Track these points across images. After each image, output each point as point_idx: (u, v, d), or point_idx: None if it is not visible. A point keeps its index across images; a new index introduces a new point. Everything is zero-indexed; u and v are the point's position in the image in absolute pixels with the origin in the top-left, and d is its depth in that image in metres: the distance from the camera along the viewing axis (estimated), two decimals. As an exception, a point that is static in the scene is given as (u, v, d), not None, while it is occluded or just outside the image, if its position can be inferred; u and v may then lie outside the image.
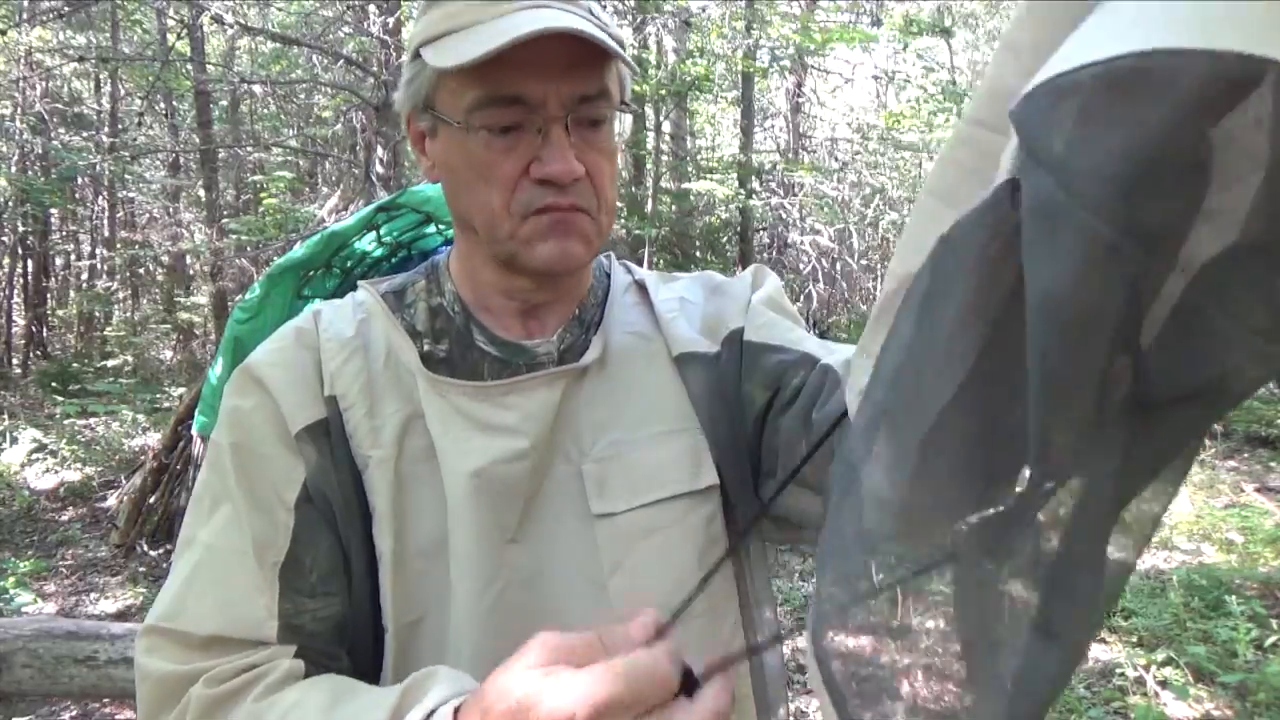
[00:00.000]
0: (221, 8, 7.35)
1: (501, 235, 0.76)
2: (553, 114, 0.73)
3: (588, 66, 0.73)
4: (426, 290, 0.85)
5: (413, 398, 0.78)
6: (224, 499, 0.75)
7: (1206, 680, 3.71)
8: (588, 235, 0.77)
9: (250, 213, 10.71)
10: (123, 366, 10.88)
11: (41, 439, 7.32)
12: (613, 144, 0.79)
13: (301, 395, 0.77)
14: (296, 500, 0.75)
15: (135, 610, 4.65)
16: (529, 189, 0.74)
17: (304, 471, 0.75)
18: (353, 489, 0.76)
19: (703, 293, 0.92)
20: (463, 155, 0.76)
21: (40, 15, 8.74)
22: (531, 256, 0.76)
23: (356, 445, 0.76)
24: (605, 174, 0.77)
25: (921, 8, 11.36)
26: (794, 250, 12.20)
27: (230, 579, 0.72)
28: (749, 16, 9.77)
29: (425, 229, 1.36)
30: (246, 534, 0.73)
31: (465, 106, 0.74)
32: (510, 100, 0.72)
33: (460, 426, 0.77)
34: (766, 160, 12.65)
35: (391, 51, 7.19)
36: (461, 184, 0.78)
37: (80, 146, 11.33)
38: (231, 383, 0.79)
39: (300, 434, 0.76)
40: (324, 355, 0.79)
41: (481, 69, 0.70)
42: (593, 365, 0.83)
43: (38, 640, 1.83)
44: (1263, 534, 5.42)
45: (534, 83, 0.72)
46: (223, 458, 0.76)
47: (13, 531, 5.84)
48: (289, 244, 7.09)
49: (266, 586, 0.72)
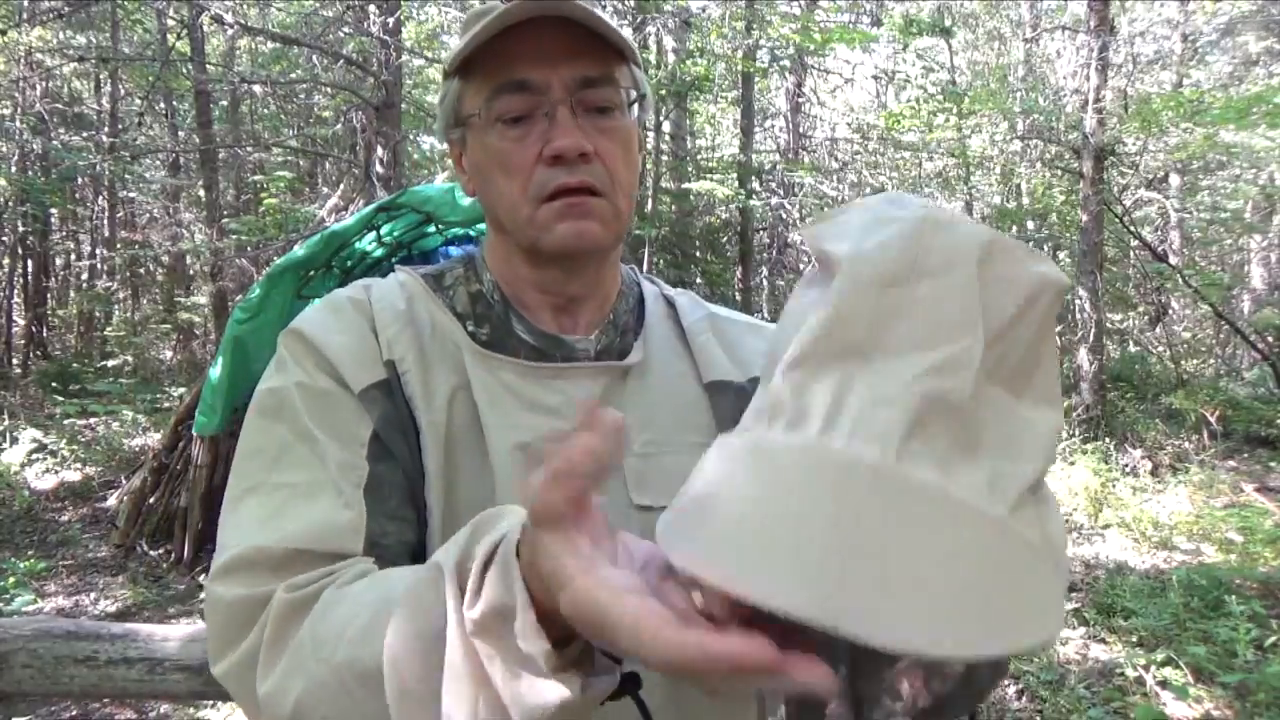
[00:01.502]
0: (221, 8, 7.35)
1: (521, 221, 0.79)
2: (557, 97, 0.76)
3: (589, 53, 0.77)
4: (465, 278, 0.87)
5: (460, 370, 0.80)
6: (296, 441, 0.73)
7: (1206, 680, 3.71)
8: (604, 216, 0.79)
9: (250, 213, 10.71)
10: (123, 366, 10.88)
11: (41, 439, 7.32)
12: (626, 132, 0.81)
13: (361, 357, 0.78)
14: (369, 437, 0.75)
15: (135, 610, 4.65)
16: (543, 172, 0.77)
17: (370, 423, 0.75)
18: (415, 446, 0.77)
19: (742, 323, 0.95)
20: (484, 151, 0.80)
21: (40, 15, 8.74)
22: (550, 239, 0.78)
23: (414, 409, 0.77)
24: (617, 158, 0.79)
25: (921, 8, 11.36)
26: (794, 250, 12.20)
27: (313, 503, 0.70)
28: (749, 16, 9.77)
29: (425, 229, 1.36)
30: (330, 463, 0.72)
31: (481, 103, 0.78)
32: (517, 86, 0.76)
33: (507, 401, 0.79)
34: (766, 160, 12.65)
35: (391, 51, 7.20)
36: (487, 180, 0.81)
37: (80, 146, 11.34)
38: (283, 342, 0.80)
39: (363, 393, 0.76)
40: (379, 323, 0.80)
41: (488, 65, 0.77)
42: (635, 368, 0.85)
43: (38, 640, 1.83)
44: (1263, 534, 5.42)
45: (536, 67, 0.76)
46: (290, 399, 0.75)
47: (13, 531, 5.84)
48: (289, 244, 7.09)
49: (355, 503, 0.71)
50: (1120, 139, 9.35)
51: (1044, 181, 12.53)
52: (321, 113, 10.89)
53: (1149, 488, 7.20)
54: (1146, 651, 4.02)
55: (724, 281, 11.40)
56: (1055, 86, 13.38)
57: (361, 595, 0.63)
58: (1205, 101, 8.81)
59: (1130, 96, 9.90)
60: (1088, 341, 8.70)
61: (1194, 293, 9.48)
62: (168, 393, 8.99)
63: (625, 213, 0.81)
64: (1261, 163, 12.44)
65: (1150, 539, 5.88)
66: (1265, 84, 11.04)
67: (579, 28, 0.74)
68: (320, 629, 0.62)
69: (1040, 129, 10.90)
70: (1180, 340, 12.15)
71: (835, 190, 13.04)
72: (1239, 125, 8.19)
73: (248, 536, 0.69)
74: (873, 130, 13.53)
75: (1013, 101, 11.95)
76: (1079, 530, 6.27)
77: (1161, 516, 6.21)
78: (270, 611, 0.64)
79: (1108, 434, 8.31)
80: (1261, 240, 13.99)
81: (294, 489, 0.71)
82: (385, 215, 1.36)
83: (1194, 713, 3.53)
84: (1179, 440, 8.51)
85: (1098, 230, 8.79)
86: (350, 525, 0.69)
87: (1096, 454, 7.69)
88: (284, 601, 0.64)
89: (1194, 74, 13.29)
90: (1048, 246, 13.38)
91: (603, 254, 0.83)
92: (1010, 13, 15.42)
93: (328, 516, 0.69)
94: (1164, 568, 5.33)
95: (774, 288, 11.97)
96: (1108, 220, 9.24)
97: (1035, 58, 15.00)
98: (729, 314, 0.96)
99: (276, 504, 0.70)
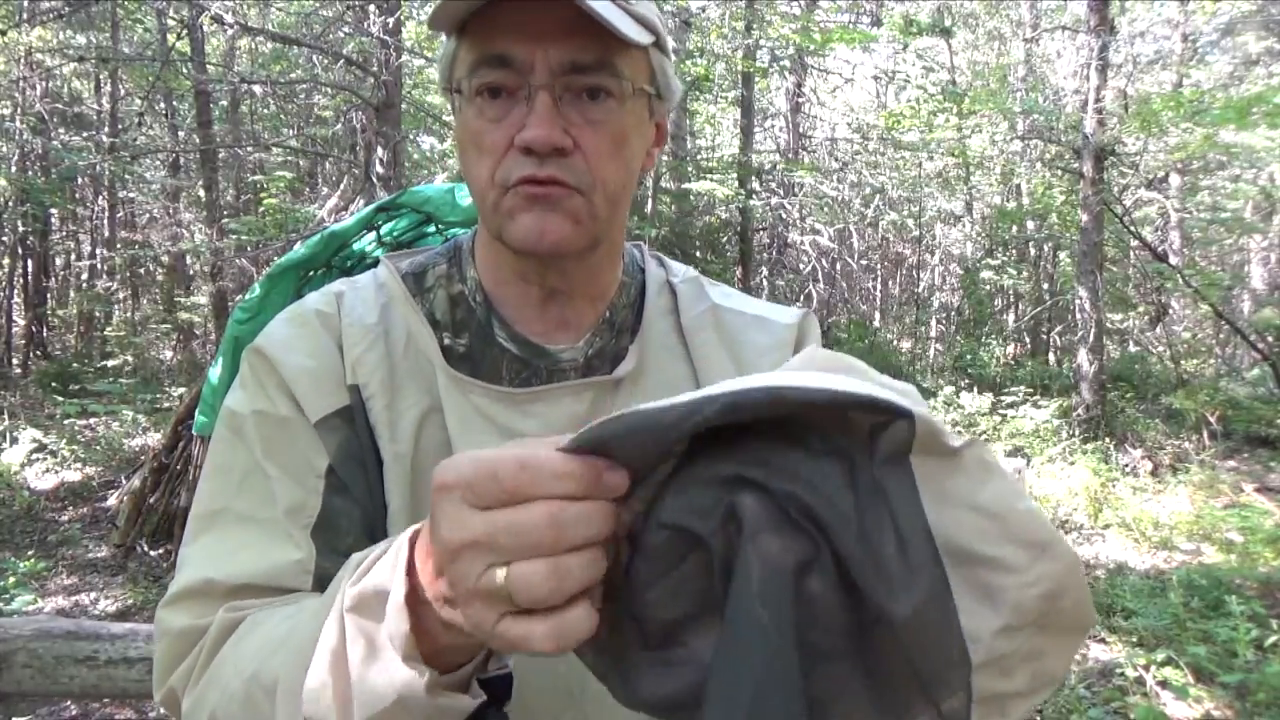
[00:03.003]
0: (221, 8, 7.35)
1: (488, 207, 0.73)
2: (539, 80, 0.69)
3: (585, 34, 0.68)
4: (447, 276, 0.82)
5: (432, 390, 0.76)
6: (253, 471, 0.72)
7: (1206, 680, 3.71)
8: (575, 214, 0.72)
9: (250, 213, 10.71)
10: (123, 366, 10.88)
11: (41, 439, 7.32)
12: (618, 125, 0.72)
13: (321, 382, 0.74)
14: (325, 470, 0.72)
15: (135, 610, 4.65)
16: (513, 159, 0.70)
17: (327, 457, 0.73)
18: (378, 478, 0.73)
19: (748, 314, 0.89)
20: (463, 125, 0.74)
21: (40, 15, 8.74)
22: (513, 232, 0.72)
23: (377, 437, 0.74)
24: (601, 151, 0.71)
25: (921, 7, 11.36)
26: (794, 250, 12.20)
27: (266, 541, 0.70)
28: (749, 16, 9.77)
29: (425, 229, 1.36)
30: (280, 503, 0.71)
31: (464, 72, 0.72)
32: (498, 61, 0.69)
33: (480, 428, 0.75)
34: (766, 160, 12.65)
35: (391, 52, 7.20)
36: (464, 155, 0.75)
37: (80, 146, 11.34)
38: (246, 360, 0.77)
39: (321, 422, 0.73)
40: (346, 342, 0.76)
41: (476, 32, 0.70)
42: (626, 378, 0.79)
43: (38, 640, 1.83)
44: (1263, 534, 5.42)
45: (521, 44, 0.68)
46: (246, 427, 0.73)
47: (13, 531, 5.84)
48: (289, 244, 7.09)
49: (304, 545, 0.70)
50: (1120, 139, 9.35)
51: (1044, 181, 12.53)
52: (321, 113, 10.89)
53: (1149, 488, 7.20)
54: (1146, 651, 4.02)
55: (723, 281, 11.38)
56: (1055, 87, 13.39)
57: (283, 610, 0.64)
58: (1205, 101, 8.81)
59: (1130, 97, 9.90)
60: (1088, 341, 8.70)
61: (1194, 293, 9.48)
62: (168, 393, 8.99)
63: (604, 212, 0.74)
64: (1261, 163, 12.44)
65: (1150, 539, 5.88)
66: (1265, 84, 11.05)
67: (578, 6, 0.65)
68: (241, 644, 0.63)
69: (1040, 129, 10.90)
70: (1180, 340, 12.14)
71: (835, 190, 13.04)
72: (1239, 125, 8.19)
73: (201, 568, 0.69)
74: (873, 130, 13.53)
75: (1013, 101, 11.95)
76: (1079, 530, 6.27)
77: (1161, 516, 6.21)
78: (210, 631, 0.65)
79: (1108, 434, 8.31)
80: (1261, 240, 14.00)
81: (249, 523, 0.71)
82: (385, 215, 1.36)
83: (1194, 713, 3.53)
84: (1179, 440, 8.52)
85: (1098, 230, 8.79)
86: (300, 566, 0.69)
87: (1096, 454, 7.70)
88: (221, 621, 0.65)
89: (1194, 74, 13.28)
90: (1048, 246, 13.40)
91: (577, 255, 0.76)
92: (1010, 13, 15.42)
93: (278, 557, 0.69)
94: (1164, 568, 5.33)
95: (774, 288, 11.97)
96: (1108, 220, 9.24)
97: (1035, 58, 15.00)
98: (736, 303, 0.90)
99: (234, 537, 0.70)
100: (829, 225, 12.94)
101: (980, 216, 14.39)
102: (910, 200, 14.62)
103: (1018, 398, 9.30)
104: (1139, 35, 14.02)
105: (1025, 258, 13.70)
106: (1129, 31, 12.88)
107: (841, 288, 13.89)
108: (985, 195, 14.52)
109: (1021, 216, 13.03)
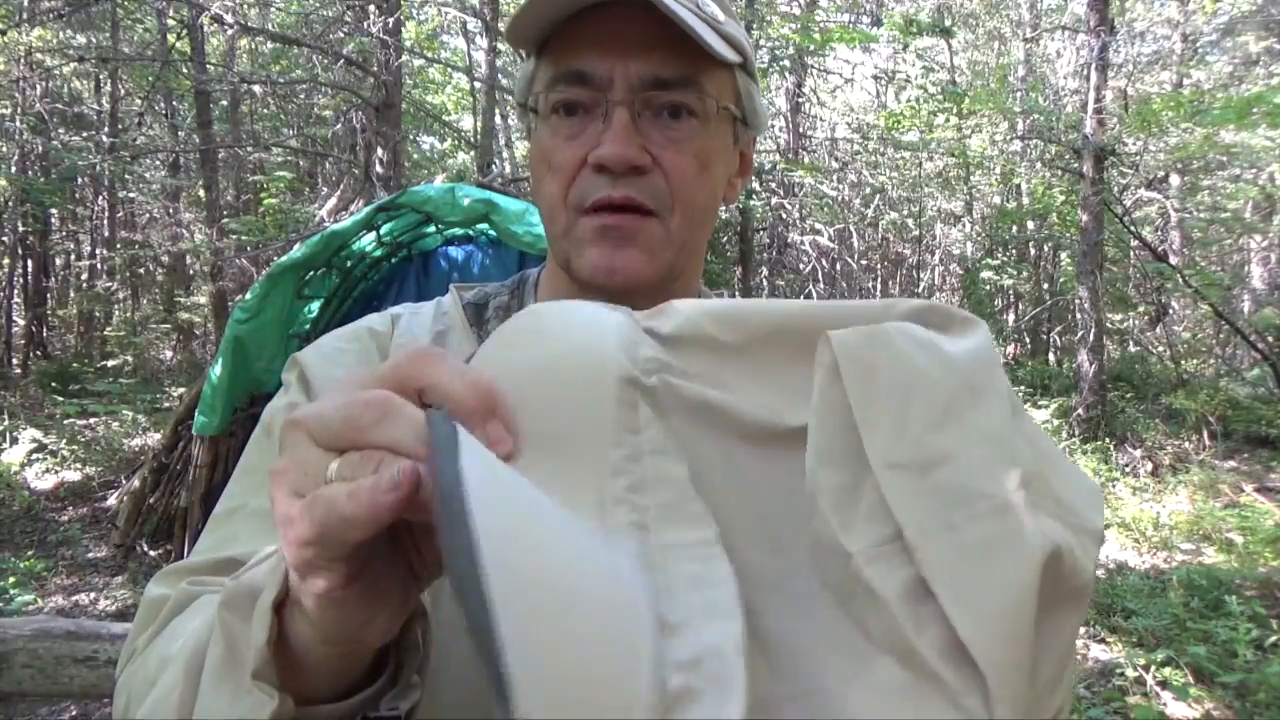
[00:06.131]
0: (221, 8, 7.35)
1: (559, 231, 0.70)
2: (618, 96, 0.66)
3: (669, 49, 0.65)
4: (507, 308, 0.77)
5: None
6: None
7: (1206, 680, 3.71)
8: (651, 242, 0.68)
9: (250, 213, 10.71)
10: (123, 366, 10.88)
11: (41, 439, 7.32)
12: (703, 145, 0.69)
13: None
14: None
15: (135, 610, 4.65)
16: (587, 179, 0.67)
17: None
18: None
19: None
20: (535, 144, 0.71)
21: (40, 15, 8.74)
22: (582, 265, 0.68)
23: None
24: (682, 170, 0.67)
25: (921, 7, 11.36)
26: (794, 250, 12.20)
27: (267, 531, 0.65)
28: (749, 16, 9.77)
29: (424, 229, 1.36)
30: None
31: (541, 89, 0.69)
32: (575, 78, 0.67)
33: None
34: (766, 160, 12.64)
35: (391, 52, 7.20)
36: (535, 175, 0.72)
37: (80, 146, 11.33)
38: (288, 367, 0.75)
39: None
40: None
41: (555, 49, 0.68)
42: None
43: (38, 640, 1.83)
44: (1263, 534, 5.42)
45: (600, 59, 0.66)
46: (274, 430, 0.71)
47: (13, 531, 5.83)
48: (289, 244, 7.08)
49: None
50: (1120, 139, 9.35)
51: (1044, 182, 12.53)
52: (321, 113, 10.89)
53: (1149, 488, 7.20)
54: (1146, 651, 4.02)
55: (724, 282, 11.39)
56: (1055, 86, 13.39)
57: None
58: (1205, 101, 8.81)
59: (1130, 97, 9.90)
60: (1088, 341, 8.69)
61: (1194, 293, 9.47)
62: (168, 393, 9.00)
63: (682, 240, 0.69)
64: (1261, 163, 12.44)
65: (1150, 539, 5.88)
66: (1265, 84, 11.04)
67: (660, 17, 0.62)
68: (176, 623, 0.58)
69: (1040, 129, 10.90)
70: (1180, 340, 12.15)
71: (835, 190, 13.04)
72: (1239, 125, 8.19)
73: (197, 553, 0.67)
74: (873, 130, 13.53)
75: (1013, 102, 11.96)
76: (1079, 530, 6.27)
77: (1161, 517, 6.21)
78: (166, 605, 0.61)
79: (1108, 434, 8.31)
80: (1261, 240, 13.99)
81: (259, 518, 0.68)
82: (384, 215, 1.36)
83: (1194, 713, 3.53)
84: (1179, 440, 8.52)
85: (1098, 230, 8.79)
86: None
87: (1096, 454, 7.70)
88: (179, 592, 0.60)
89: (1194, 74, 13.29)
90: (1048, 246, 13.40)
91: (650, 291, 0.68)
92: (1010, 13, 15.43)
93: (270, 544, 0.66)
94: (1164, 568, 5.33)
95: (774, 288, 11.97)
96: (1108, 220, 9.24)
97: (1035, 58, 15.01)
98: None
99: (242, 529, 0.68)
100: (829, 225, 12.94)
101: (980, 216, 14.39)
102: (910, 200, 14.63)
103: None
104: (1139, 35, 14.03)
105: (1025, 258, 13.71)
106: (1129, 31, 12.88)
107: (842, 288, 13.89)
108: (985, 195, 14.53)
109: (1021, 216, 13.03)
